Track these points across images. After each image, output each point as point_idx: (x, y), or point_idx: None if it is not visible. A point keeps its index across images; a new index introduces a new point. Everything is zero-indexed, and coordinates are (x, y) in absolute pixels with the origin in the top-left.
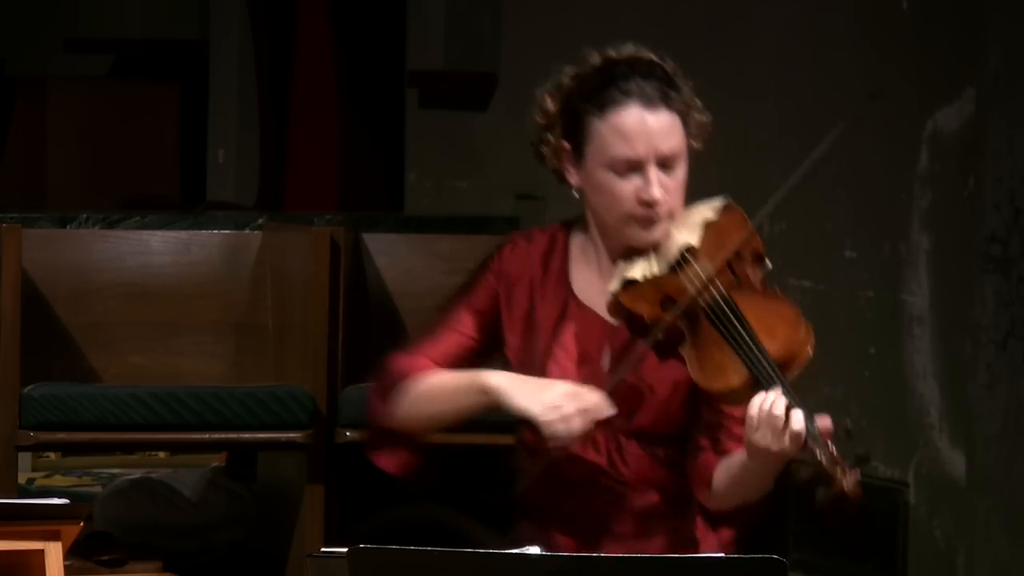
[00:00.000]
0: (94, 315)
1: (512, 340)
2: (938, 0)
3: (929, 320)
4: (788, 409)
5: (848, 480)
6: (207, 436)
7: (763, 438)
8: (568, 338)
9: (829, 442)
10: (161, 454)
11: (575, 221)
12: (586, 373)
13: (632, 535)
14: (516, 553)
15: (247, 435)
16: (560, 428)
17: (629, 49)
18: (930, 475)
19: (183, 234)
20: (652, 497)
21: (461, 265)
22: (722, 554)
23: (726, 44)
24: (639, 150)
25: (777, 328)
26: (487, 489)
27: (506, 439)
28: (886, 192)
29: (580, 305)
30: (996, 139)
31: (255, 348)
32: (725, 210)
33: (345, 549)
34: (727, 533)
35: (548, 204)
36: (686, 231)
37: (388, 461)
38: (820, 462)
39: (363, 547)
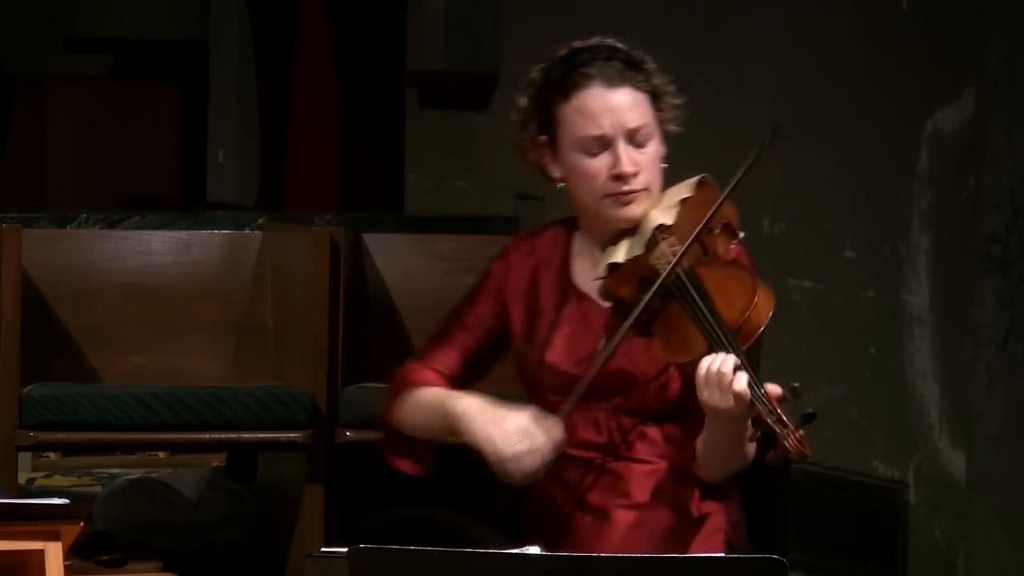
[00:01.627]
0: (94, 315)
1: (516, 329)
2: (938, 0)
3: (929, 320)
4: (735, 370)
5: (791, 439)
6: (207, 436)
7: (711, 396)
8: (566, 326)
9: (776, 403)
10: (161, 454)
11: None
12: (582, 360)
13: (640, 505)
14: (516, 553)
15: (247, 435)
16: (512, 468)
17: (594, 40)
18: (930, 475)
19: (183, 234)
20: (654, 470)
21: (461, 265)
22: (722, 554)
23: (726, 44)
24: (605, 126)
25: (735, 297)
26: (487, 489)
27: None
28: (886, 192)
29: (579, 294)
30: (996, 139)
31: (255, 348)
32: (700, 186)
33: (345, 549)
34: (714, 505)
35: (548, 204)
36: (663, 210)
37: (401, 463)
38: (766, 421)
39: (363, 547)
